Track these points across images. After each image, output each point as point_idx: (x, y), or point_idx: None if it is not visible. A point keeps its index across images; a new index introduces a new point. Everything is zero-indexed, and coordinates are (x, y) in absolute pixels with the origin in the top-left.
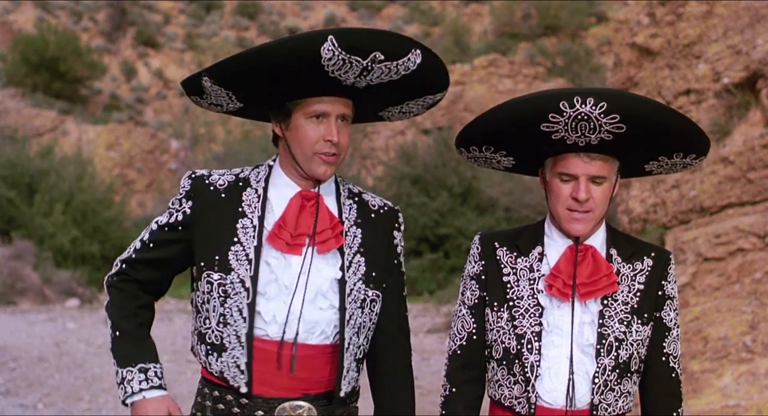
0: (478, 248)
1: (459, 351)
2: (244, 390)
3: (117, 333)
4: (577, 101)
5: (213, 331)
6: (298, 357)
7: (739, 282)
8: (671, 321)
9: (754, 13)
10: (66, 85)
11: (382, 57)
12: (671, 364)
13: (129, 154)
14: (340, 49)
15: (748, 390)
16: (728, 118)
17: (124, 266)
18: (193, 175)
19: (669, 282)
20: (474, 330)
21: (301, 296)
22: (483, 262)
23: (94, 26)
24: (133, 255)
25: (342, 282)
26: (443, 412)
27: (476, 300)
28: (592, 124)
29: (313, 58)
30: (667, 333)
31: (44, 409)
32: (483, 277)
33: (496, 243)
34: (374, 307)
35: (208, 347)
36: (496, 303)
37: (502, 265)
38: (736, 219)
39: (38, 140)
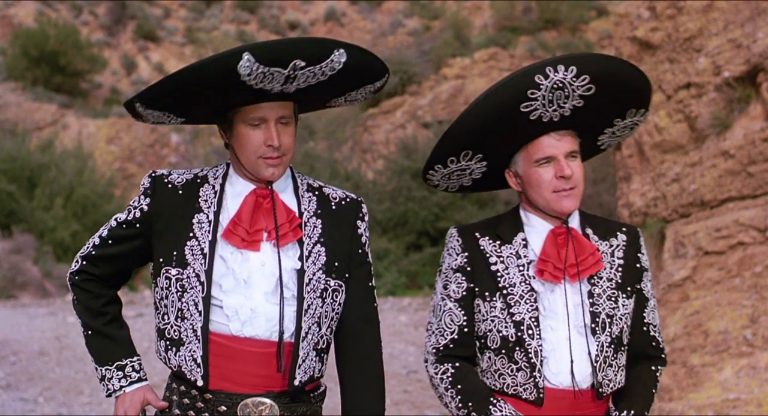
0: (458, 240)
1: (451, 345)
2: (200, 383)
3: (89, 332)
4: (550, 71)
5: (172, 326)
6: (263, 353)
7: (740, 275)
8: (648, 292)
9: (754, 6)
10: (66, 78)
11: (303, 63)
12: (652, 333)
13: (129, 148)
14: (258, 64)
15: (749, 383)
16: (729, 111)
17: (84, 263)
18: (153, 174)
19: (643, 254)
20: (464, 323)
21: (261, 290)
22: (466, 254)
23: (94, 20)
24: (93, 252)
25: (300, 272)
26: (459, 387)
27: (464, 293)
28: (566, 91)
29: (232, 77)
30: (646, 304)
31: (45, 403)
32: (468, 269)
33: (477, 234)
34: (337, 297)
35: (167, 343)
36: (487, 293)
37: (488, 255)
38: (737, 212)
39: (38, 134)
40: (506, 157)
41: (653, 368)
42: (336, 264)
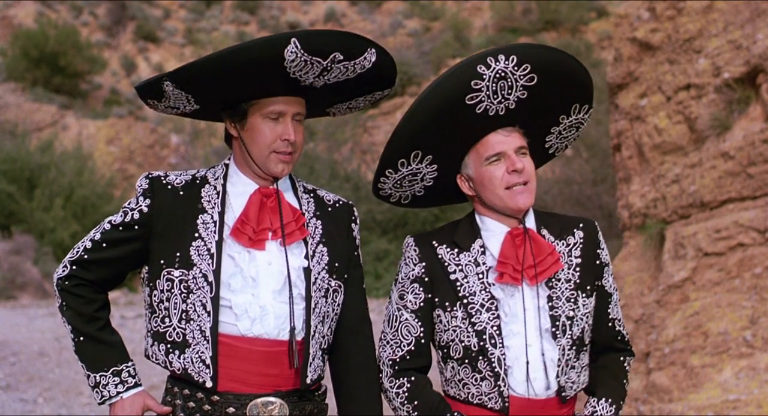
0: (415, 250)
1: (408, 357)
2: (209, 384)
3: (81, 338)
4: (492, 61)
5: (174, 329)
6: (271, 352)
7: (739, 277)
8: (611, 287)
9: (754, 7)
10: (66, 79)
11: (341, 57)
12: (617, 328)
13: (129, 149)
14: (302, 51)
15: (748, 384)
16: (728, 112)
17: (74, 268)
18: (149, 175)
19: (602, 249)
20: (421, 334)
21: (269, 288)
22: (424, 263)
23: (94, 21)
24: (85, 256)
25: (307, 271)
26: (416, 402)
27: (421, 304)
28: (509, 81)
29: (276, 61)
30: (609, 300)
31: (44, 404)
32: (426, 279)
33: (434, 243)
34: (336, 297)
35: (168, 346)
36: (447, 303)
37: (447, 263)
38: (737, 214)
39: (38, 135)
40: (456, 161)
41: (621, 358)
42: (336, 264)
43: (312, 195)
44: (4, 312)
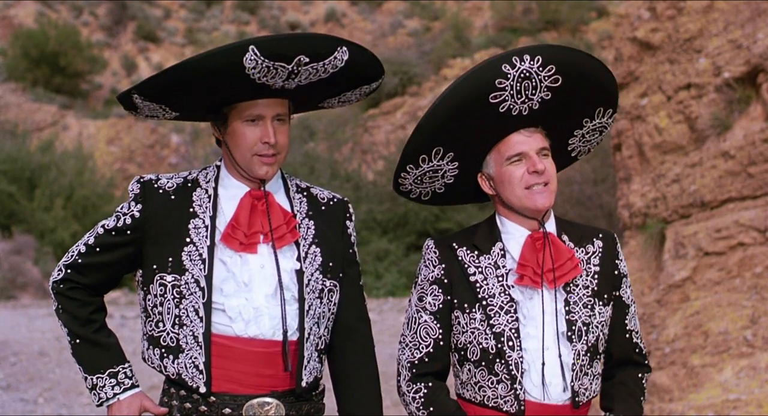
0: (435, 252)
1: (426, 359)
2: (203, 390)
3: (77, 341)
4: (517, 61)
5: (168, 334)
6: (267, 353)
7: (740, 276)
8: (629, 298)
9: (754, 7)
10: (66, 79)
11: (307, 59)
12: (635, 340)
13: (129, 149)
14: (262, 58)
15: (749, 384)
16: (729, 112)
17: (69, 271)
18: (141, 179)
19: (621, 260)
20: (440, 336)
21: (262, 292)
22: (443, 266)
23: (95, 21)
24: (79, 260)
25: (300, 273)
26: (431, 409)
27: (440, 305)
28: (533, 81)
29: (237, 69)
30: (627, 311)
31: (45, 404)
32: (446, 281)
33: (454, 245)
34: (332, 297)
35: (163, 350)
36: (466, 305)
37: (466, 266)
38: (737, 213)
39: (39, 135)
40: (477, 159)
41: (639, 375)
42: (330, 264)
43: (305, 194)
44: (5, 312)
